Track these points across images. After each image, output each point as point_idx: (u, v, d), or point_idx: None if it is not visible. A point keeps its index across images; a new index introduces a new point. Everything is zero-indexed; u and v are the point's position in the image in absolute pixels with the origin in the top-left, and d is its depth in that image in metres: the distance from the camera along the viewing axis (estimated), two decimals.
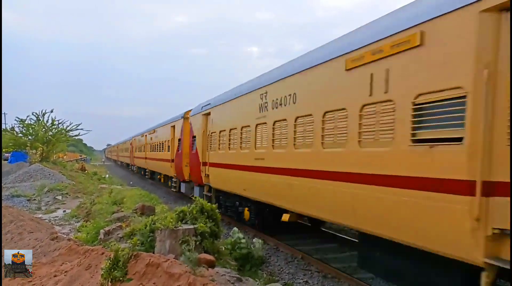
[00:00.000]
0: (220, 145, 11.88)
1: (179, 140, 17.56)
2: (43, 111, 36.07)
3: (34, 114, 35.88)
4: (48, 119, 36.07)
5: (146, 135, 29.65)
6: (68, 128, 37.34)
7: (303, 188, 7.18)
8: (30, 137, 35.62)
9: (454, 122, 4.14)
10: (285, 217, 8.28)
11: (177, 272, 4.96)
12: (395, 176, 4.88)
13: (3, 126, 41.75)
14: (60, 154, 45.20)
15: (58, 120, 36.73)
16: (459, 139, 4.05)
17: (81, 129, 38.85)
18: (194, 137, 15.21)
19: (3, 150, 38.63)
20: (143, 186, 25.37)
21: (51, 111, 36.08)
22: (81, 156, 74.55)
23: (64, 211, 15.35)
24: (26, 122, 35.61)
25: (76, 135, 40.50)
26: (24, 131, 35.97)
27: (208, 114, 13.40)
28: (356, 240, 7.11)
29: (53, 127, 36.21)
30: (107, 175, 35.27)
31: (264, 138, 8.90)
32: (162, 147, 22.42)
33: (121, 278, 5.24)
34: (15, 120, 36.48)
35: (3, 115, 56.12)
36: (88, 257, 6.40)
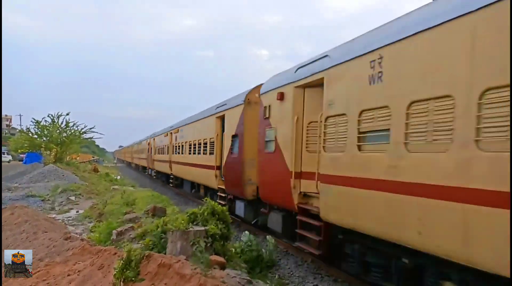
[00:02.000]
0: (367, 141, 5.98)
1: (234, 136, 12.49)
2: (58, 113, 36.76)
3: (50, 116, 36.57)
4: (62, 121, 36.73)
5: (171, 134, 24.14)
6: (82, 131, 37.91)
7: None
8: (44, 138, 36.27)
9: None
10: None
11: (188, 273, 5.01)
12: None
13: (19, 127, 42.57)
14: (73, 155, 45.89)
15: (72, 122, 37.36)
16: None
17: (95, 132, 39.40)
18: (268, 128, 9.63)
19: (18, 150, 39.29)
20: (155, 187, 25.62)
21: (67, 114, 36.73)
22: (93, 157, 75.48)
23: (77, 212, 15.56)
24: (42, 123, 36.27)
25: (89, 138, 41.09)
26: (39, 133, 36.65)
27: (317, 84, 7.54)
28: None
29: (67, 128, 36.82)
30: (119, 177, 35.69)
31: None
32: (203, 148, 16.71)
33: (133, 278, 5.33)
34: (31, 121, 37.25)
35: (19, 117, 57.23)
36: (100, 257, 6.50)
